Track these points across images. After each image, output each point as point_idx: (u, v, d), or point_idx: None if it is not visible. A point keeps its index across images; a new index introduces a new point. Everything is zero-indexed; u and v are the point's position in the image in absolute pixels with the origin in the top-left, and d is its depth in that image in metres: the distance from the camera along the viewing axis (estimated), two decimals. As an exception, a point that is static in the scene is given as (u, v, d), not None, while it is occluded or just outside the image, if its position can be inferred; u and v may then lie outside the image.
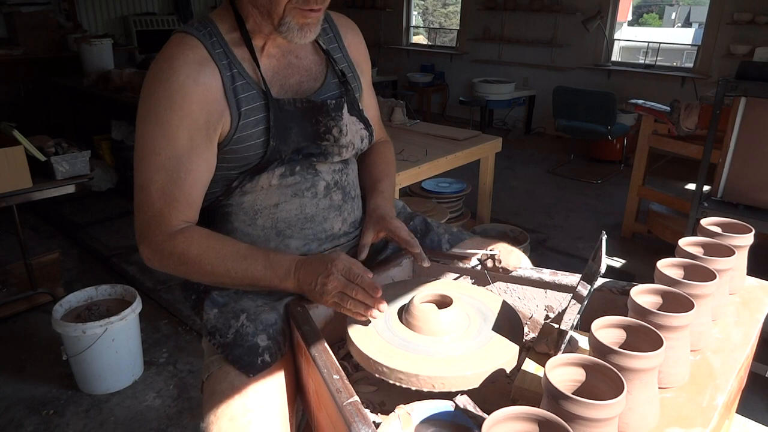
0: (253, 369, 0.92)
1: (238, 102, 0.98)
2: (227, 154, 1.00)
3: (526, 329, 1.04)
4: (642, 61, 6.19)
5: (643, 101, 3.45)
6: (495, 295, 1.02)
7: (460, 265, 1.14)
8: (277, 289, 0.98)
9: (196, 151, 0.96)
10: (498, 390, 0.88)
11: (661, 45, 6.20)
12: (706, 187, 2.30)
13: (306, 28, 0.97)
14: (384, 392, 0.90)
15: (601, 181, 4.90)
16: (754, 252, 1.04)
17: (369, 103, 1.24)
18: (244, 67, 0.99)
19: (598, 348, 0.68)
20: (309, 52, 1.09)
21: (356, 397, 0.74)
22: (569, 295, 1.00)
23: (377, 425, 0.73)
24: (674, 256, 0.91)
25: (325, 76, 1.10)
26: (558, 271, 1.07)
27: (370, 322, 0.92)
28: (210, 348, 1.01)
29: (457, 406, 0.76)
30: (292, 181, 1.05)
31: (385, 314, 0.94)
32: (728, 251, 0.92)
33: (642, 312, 0.76)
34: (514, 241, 2.80)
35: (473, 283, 1.13)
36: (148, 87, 0.95)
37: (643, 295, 0.81)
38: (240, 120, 0.98)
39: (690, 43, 8.28)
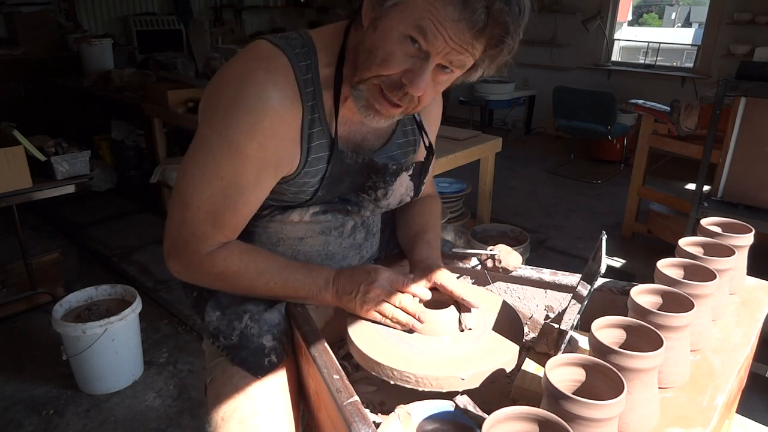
0: (260, 370, 0.92)
1: (309, 150, 0.91)
2: (276, 191, 0.96)
3: (526, 329, 1.04)
4: (642, 61, 6.19)
5: (643, 101, 3.45)
6: (495, 295, 1.02)
7: (460, 265, 1.14)
8: (315, 301, 0.96)
9: (260, 185, 0.90)
10: (498, 390, 0.88)
11: (661, 45, 6.20)
12: (706, 187, 2.30)
13: (374, 113, 0.88)
14: (384, 392, 0.90)
15: (601, 181, 4.90)
16: (754, 252, 1.04)
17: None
18: (325, 113, 0.91)
19: (598, 348, 0.68)
20: None
21: (356, 397, 0.74)
22: (569, 295, 1.00)
23: (377, 425, 0.73)
24: (674, 256, 0.91)
25: (390, 135, 1.03)
26: (558, 271, 1.07)
27: (413, 331, 0.90)
28: (212, 351, 1.00)
29: (457, 406, 0.76)
30: (323, 219, 1.01)
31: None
32: (728, 251, 0.92)
33: (642, 312, 0.76)
34: (514, 241, 2.79)
35: (473, 283, 1.13)
36: (226, 103, 0.85)
37: (643, 295, 0.81)
38: (305, 168, 0.92)
39: (690, 43, 8.28)
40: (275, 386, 0.93)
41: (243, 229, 0.96)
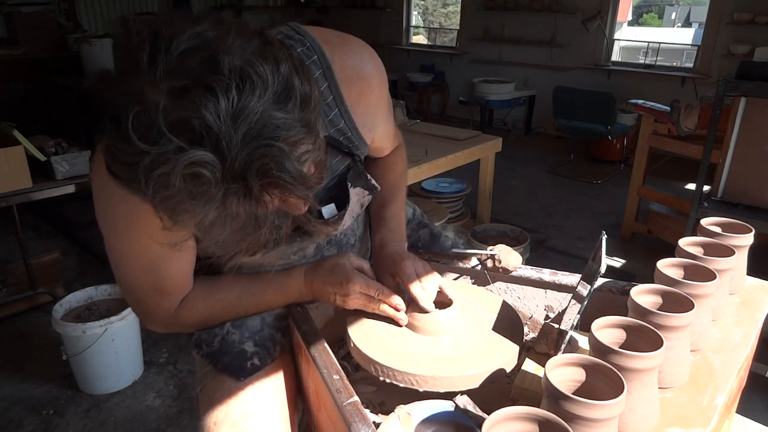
0: (243, 372, 0.92)
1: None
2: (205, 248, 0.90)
3: (526, 329, 1.04)
4: (642, 61, 6.19)
5: (643, 101, 3.45)
6: (495, 295, 1.02)
7: (460, 265, 1.14)
8: (298, 302, 0.98)
9: (176, 248, 0.81)
10: (498, 390, 0.88)
11: (661, 45, 6.20)
12: (706, 187, 2.30)
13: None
14: (384, 392, 0.90)
15: (601, 181, 4.90)
16: (754, 252, 1.04)
17: (383, 133, 1.05)
18: None
19: (598, 348, 0.68)
20: None
21: (356, 397, 0.74)
22: (569, 295, 1.00)
23: (377, 425, 0.73)
24: (674, 256, 0.91)
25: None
26: (558, 271, 1.07)
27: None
28: (201, 360, 1.00)
29: (457, 406, 0.76)
30: (275, 250, 0.95)
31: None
32: (728, 251, 0.92)
33: (642, 312, 0.75)
34: (514, 241, 2.80)
35: (473, 283, 1.13)
36: (100, 206, 0.85)
37: (643, 295, 0.81)
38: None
39: (690, 43, 8.27)
40: (268, 388, 0.92)
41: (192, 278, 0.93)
